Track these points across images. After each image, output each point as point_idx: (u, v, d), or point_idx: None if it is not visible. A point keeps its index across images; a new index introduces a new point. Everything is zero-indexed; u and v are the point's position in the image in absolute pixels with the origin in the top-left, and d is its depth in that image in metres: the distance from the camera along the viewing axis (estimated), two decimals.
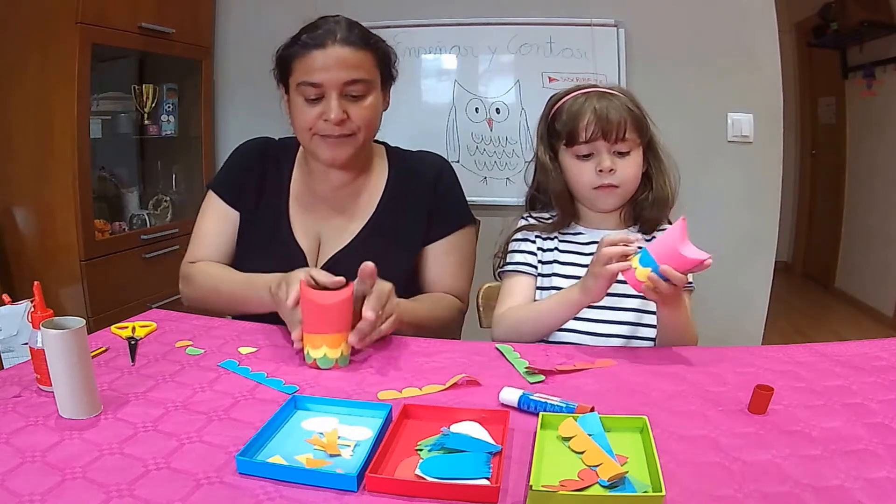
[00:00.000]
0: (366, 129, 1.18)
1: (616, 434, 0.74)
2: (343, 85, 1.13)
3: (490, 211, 1.36)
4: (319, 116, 1.15)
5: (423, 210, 1.28)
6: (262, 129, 1.40)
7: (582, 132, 1.14)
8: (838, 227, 4.32)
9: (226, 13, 2.69)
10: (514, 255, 1.25)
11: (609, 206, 1.21)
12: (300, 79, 1.14)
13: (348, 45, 1.14)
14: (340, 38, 1.13)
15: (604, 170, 1.15)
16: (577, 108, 1.16)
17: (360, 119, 1.16)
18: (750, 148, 2.37)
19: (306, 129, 1.17)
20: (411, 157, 1.34)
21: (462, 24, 2.45)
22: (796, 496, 0.63)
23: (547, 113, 1.24)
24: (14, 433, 0.73)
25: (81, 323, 0.77)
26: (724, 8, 2.32)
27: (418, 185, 1.29)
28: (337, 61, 1.12)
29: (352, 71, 1.13)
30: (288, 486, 0.64)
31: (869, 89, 3.94)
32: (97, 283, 2.15)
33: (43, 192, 2.12)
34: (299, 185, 1.30)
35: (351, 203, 1.28)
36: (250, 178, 1.29)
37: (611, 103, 1.15)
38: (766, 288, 2.45)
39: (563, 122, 1.18)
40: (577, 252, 1.22)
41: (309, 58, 1.13)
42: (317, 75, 1.13)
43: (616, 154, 1.15)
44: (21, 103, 2.08)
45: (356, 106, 1.16)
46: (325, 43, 1.13)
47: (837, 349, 1.04)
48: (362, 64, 1.15)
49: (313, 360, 0.96)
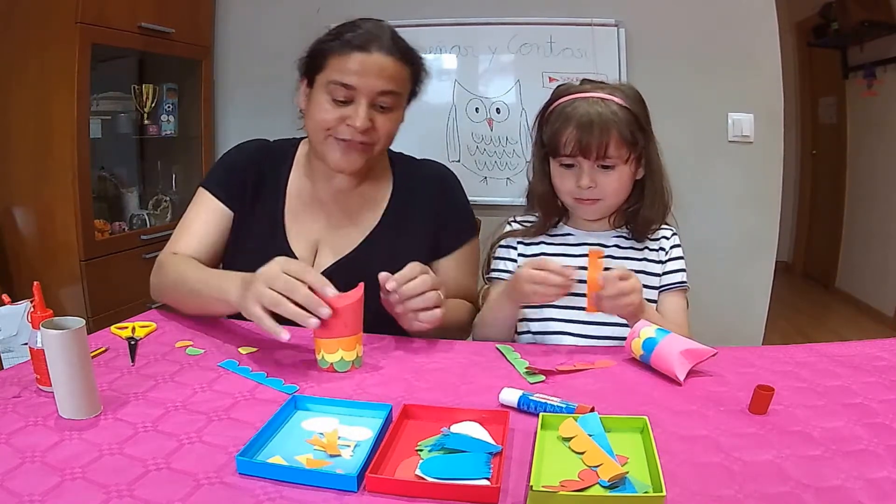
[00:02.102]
0: (384, 140, 1.16)
1: (616, 434, 0.74)
2: (376, 94, 1.10)
3: (490, 211, 1.36)
4: (342, 120, 1.11)
5: (429, 223, 1.25)
6: (262, 129, 1.40)
7: (562, 146, 1.12)
8: (839, 227, 4.32)
9: (226, 13, 2.69)
10: (496, 263, 1.26)
11: (590, 216, 1.21)
12: (333, 77, 1.10)
13: (392, 54, 1.10)
14: (386, 46, 1.10)
15: (582, 185, 1.12)
16: (562, 119, 1.12)
17: (383, 131, 1.14)
18: (750, 148, 2.37)
19: (323, 129, 1.13)
20: (416, 167, 1.31)
21: (462, 24, 2.45)
22: (797, 496, 0.63)
23: (542, 112, 1.21)
24: (14, 433, 0.73)
25: (81, 323, 0.77)
26: (725, 8, 2.32)
27: (425, 198, 1.26)
28: (377, 69, 1.09)
29: (388, 82, 1.10)
30: (288, 486, 0.64)
31: (869, 89, 3.94)
32: (97, 283, 2.15)
33: (43, 192, 2.12)
34: (298, 188, 1.26)
35: (353, 211, 1.24)
36: (246, 180, 1.24)
37: (599, 116, 1.09)
38: (766, 288, 2.45)
39: (548, 130, 1.15)
40: (566, 254, 1.21)
41: (348, 58, 1.09)
42: (352, 78, 1.09)
43: (599, 167, 1.12)
44: (21, 103, 2.09)
45: (382, 117, 1.13)
46: (368, 46, 1.09)
47: (838, 349, 1.04)
48: (399, 77, 1.12)
49: (329, 365, 0.94)
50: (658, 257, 1.22)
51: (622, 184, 1.15)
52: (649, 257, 1.21)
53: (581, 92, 1.15)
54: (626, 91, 1.16)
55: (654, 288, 1.21)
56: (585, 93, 1.14)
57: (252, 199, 1.24)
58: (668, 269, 1.21)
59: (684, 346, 0.92)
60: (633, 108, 1.13)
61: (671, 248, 1.22)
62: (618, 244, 1.21)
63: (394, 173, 1.28)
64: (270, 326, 0.91)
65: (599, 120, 1.09)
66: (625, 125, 1.10)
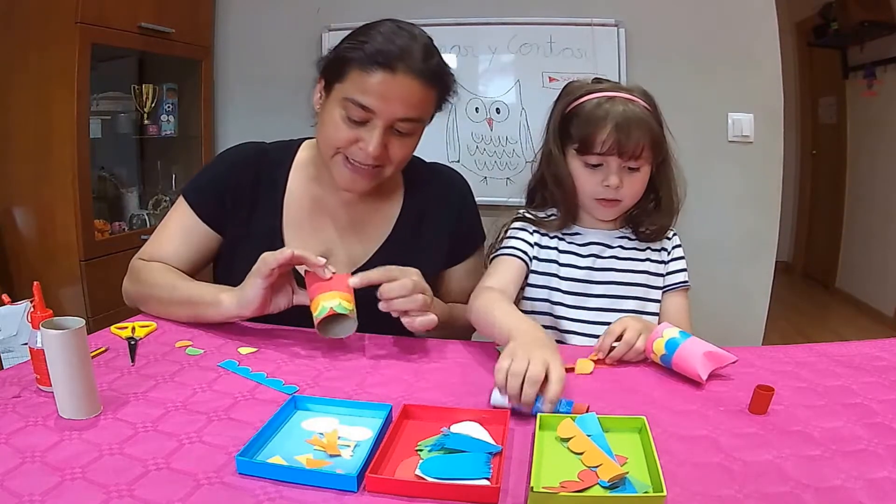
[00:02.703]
0: (397, 164, 1.08)
1: (615, 434, 0.74)
2: (395, 120, 1.01)
3: (490, 211, 1.35)
4: (354, 141, 1.03)
5: (444, 232, 1.21)
6: (261, 129, 1.39)
7: (598, 145, 1.09)
8: (838, 227, 4.32)
9: (226, 13, 2.69)
10: (509, 241, 1.21)
11: (609, 217, 1.20)
12: (351, 94, 1.00)
13: (420, 78, 1.00)
14: (414, 67, 0.99)
15: (611, 185, 1.11)
16: (596, 117, 1.09)
17: (396, 156, 1.06)
18: (750, 148, 2.37)
19: (333, 147, 1.05)
20: (428, 173, 1.25)
21: (462, 24, 2.45)
22: (797, 496, 0.63)
23: (563, 107, 1.16)
24: (13, 433, 0.73)
25: (81, 323, 0.77)
26: (725, 8, 2.32)
27: (439, 207, 1.21)
28: (400, 93, 0.99)
29: (411, 109, 1.01)
30: (288, 486, 0.64)
31: (869, 89, 3.94)
32: (97, 283, 2.15)
33: (43, 192, 2.12)
34: (299, 194, 1.17)
35: (360, 221, 1.18)
36: (239, 195, 1.15)
37: (633, 118, 1.08)
38: (766, 288, 2.45)
39: (580, 126, 1.12)
40: (575, 253, 1.20)
41: (371, 75, 0.98)
42: (372, 100, 0.99)
43: (626, 169, 1.11)
44: (21, 103, 2.08)
45: (398, 142, 1.05)
46: (395, 66, 0.98)
47: (838, 349, 1.04)
48: (424, 102, 1.03)
49: (329, 310, 0.93)
50: (661, 257, 1.22)
51: (642, 186, 1.15)
52: (652, 258, 1.22)
53: (604, 91, 1.13)
54: (642, 93, 1.15)
55: (658, 288, 1.22)
56: (608, 92, 1.13)
57: (247, 215, 1.16)
58: (671, 269, 1.22)
59: (708, 348, 0.92)
60: (653, 110, 1.13)
61: (673, 248, 1.23)
62: (622, 244, 1.22)
63: (405, 180, 1.23)
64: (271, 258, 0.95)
65: (637, 120, 1.08)
66: (655, 126, 1.11)
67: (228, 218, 1.16)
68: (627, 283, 1.20)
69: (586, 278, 1.19)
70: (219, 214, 1.16)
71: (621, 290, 1.19)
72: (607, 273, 1.19)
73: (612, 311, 1.16)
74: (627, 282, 1.20)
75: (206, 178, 1.19)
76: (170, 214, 1.19)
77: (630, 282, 1.20)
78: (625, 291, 1.19)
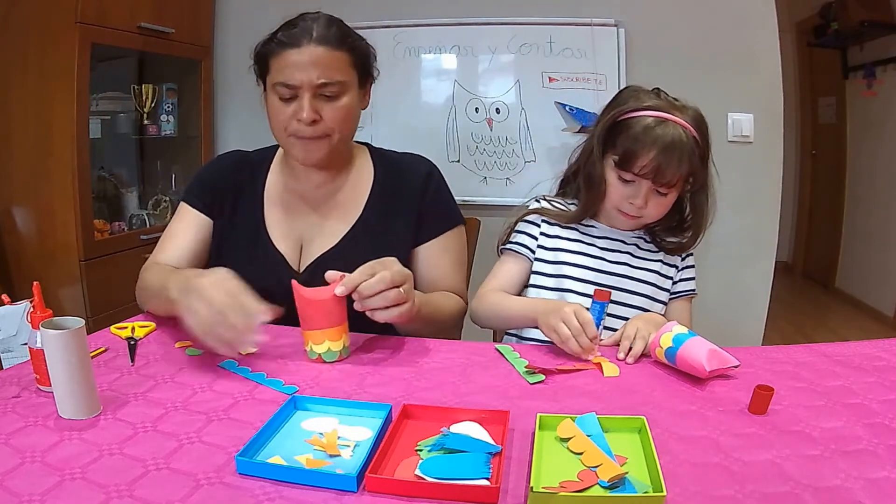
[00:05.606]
0: (340, 129, 1.16)
1: (614, 434, 0.74)
2: (316, 86, 1.11)
3: (490, 211, 1.36)
4: (293, 116, 1.13)
5: (412, 211, 1.25)
6: (261, 129, 1.39)
7: (637, 167, 1.11)
8: (838, 227, 4.32)
9: (225, 13, 2.69)
10: (516, 235, 1.26)
11: (625, 228, 1.23)
12: (275, 78, 1.12)
13: (324, 44, 1.11)
14: (316, 38, 1.11)
15: (635, 205, 1.14)
16: (644, 141, 1.09)
17: (333, 120, 1.14)
18: (750, 148, 2.37)
19: (282, 129, 1.16)
20: (397, 158, 1.32)
21: (462, 24, 2.45)
22: (796, 496, 0.63)
23: (618, 114, 1.15)
24: (13, 433, 0.73)
25: (81, 323, 0.77)
26: (724, 8, 2.32)
27: (407, 186, 1.26)
28: (311, 61, 1.10)
29: (325, 71, 1.11)
30: (288, 486, 0.64)
31: (869, 89, 3.94)
32: (97, 283, 2.15)
33: (42, 192, 2.12)
34: (277, 187, 1.27)
35: (335, 203, 1.26)
36: (224, 191, 1.26)
37: (678, 149, 1.08)
38: (766, 288, 2.45)
39: (625, 142, 1.12)
40: (587, 243, 1.23)
41: (284, 57, 1.11)
42: (290, 75, 1.10)
43: (655, 192, 1.14)
44: (21, 103, 2.08)
45: (329, 106, 1.13)
46: (299, 42, 1.10)
47: (838, 349, 1.04)
48: (337, 64, 1.12)
49: (318, 356, 0.98)
50: (673, 262, 1.25)
51: (666, 209, 1.18)
52: (666, 260, 1.24)
53: (660, 110, 1.12)
54: (695, 119, 1.14)
55: (665, 291, 1.23)
56: (663, 112, 1.12)
57: (231, 210, 1.26)
58: (683, 276, 1.26)
59: (714, 348, 0.93)
60: (701, 140, 1.13)
61: (686, 256, 1.25)
62: (637, 244, 1.25)
63: (374, 166, 1.30)
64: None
65: (680, 152, 1.09)
66: (697, 159, 1.12)
67: (217, 210, 1.26)
68: (638, 280, 1.22)
69: (598, 268, 1.21)
70: (213, 204, 1.26)
71: (632, 284, 1.22)
72: (620, 266, 1.22)
73: (620, 305, 1.19)
74: (638, 278, 1.22)
75: (197, 180, 1.32)
76: (172, 222, 1.29)
77: (641, 279, 1.22)
78: (635, 287, 1.22)
